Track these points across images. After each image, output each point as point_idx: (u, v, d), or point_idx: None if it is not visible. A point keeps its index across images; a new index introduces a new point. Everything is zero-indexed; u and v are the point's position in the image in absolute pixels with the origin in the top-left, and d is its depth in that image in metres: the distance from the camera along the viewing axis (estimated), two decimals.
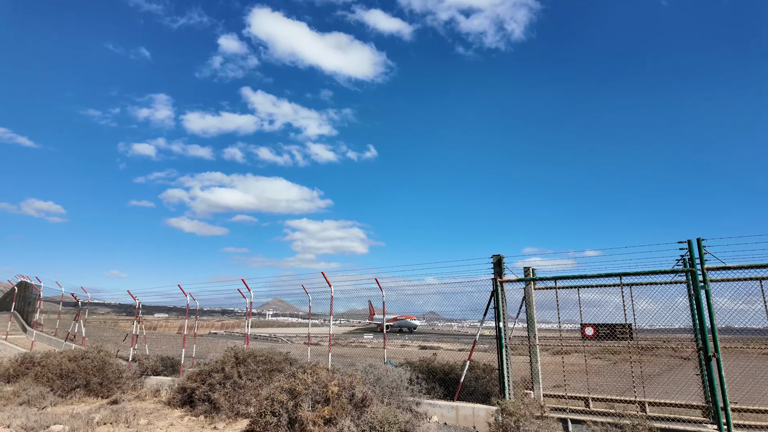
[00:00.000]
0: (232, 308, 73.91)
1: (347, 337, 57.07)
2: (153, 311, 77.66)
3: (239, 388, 10.44)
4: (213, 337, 45.38)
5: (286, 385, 7.53)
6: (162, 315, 76.86)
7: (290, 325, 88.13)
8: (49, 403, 11.51)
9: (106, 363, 13.19)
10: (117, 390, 12.96)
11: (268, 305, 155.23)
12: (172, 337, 40.14)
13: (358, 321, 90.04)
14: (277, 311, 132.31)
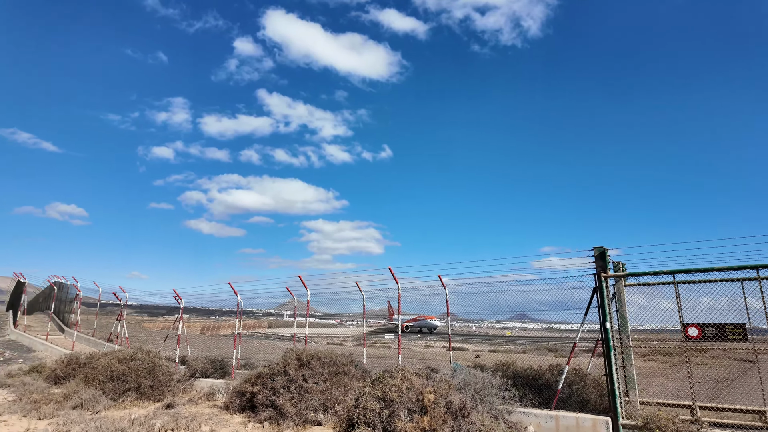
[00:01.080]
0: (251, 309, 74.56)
1: (368, 337, 56.39)
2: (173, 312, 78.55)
3: (305, 393, 9.71)
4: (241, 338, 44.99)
5: (377, 392, 6.73)
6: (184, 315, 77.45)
7: (309, 325, 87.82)
8: (103, 406, 10.96)
9: (156, 365, 12.63)
10: (168, 393, 12.38)
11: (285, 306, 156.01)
12: (196, 337, 39.86)
13: (378, 322, 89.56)
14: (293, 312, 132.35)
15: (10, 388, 13.25)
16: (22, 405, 10.99)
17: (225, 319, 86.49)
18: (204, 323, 72.56)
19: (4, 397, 12.38)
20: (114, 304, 24.72)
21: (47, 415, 10.25)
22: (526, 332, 66.53)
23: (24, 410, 10.55)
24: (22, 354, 19.08)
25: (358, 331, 74.22)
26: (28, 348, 20.42)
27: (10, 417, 10.23)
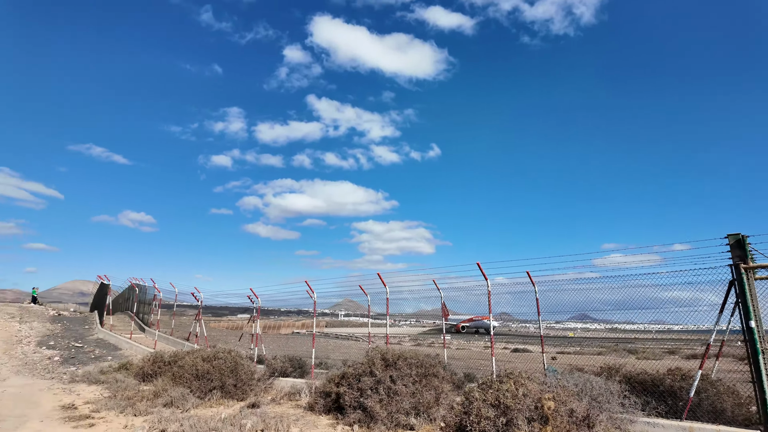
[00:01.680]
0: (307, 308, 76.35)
1: (425, 337, 55.63)
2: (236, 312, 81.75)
3: (394, 395, 9.23)
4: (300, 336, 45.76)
5: (490, 398, 6.08)
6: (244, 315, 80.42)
7: (363, 325, 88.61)
8: (191, 405, 11.06)
9: (238, 364, 12.66)
10: (251, 392, 12.37)
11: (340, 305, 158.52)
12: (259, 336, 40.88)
13: (433, 322, 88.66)
14: (348, 311, 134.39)
15: (104, 385, 13.82)
16: (117, 401, 11.32)
17: (283, 318, 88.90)
18: (264, 322, 74.87)
19: (100, 393, 12.90)
20: (186, 305, 25.71)
21: (141, 412, 10.45)
22: (589, 333, 63.22)
23: (119, 407, 10.85)
24: (110, 352, 20.09)
25: (412, 330, 73.65)
26: (114, 346, 21.51)
27: (107, 413, 10.54)
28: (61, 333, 23.62)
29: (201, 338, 19.60)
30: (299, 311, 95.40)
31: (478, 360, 19.20)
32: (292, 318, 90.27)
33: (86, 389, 13.44)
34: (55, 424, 9.64)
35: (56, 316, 30.21)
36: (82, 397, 12.33)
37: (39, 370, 16.29)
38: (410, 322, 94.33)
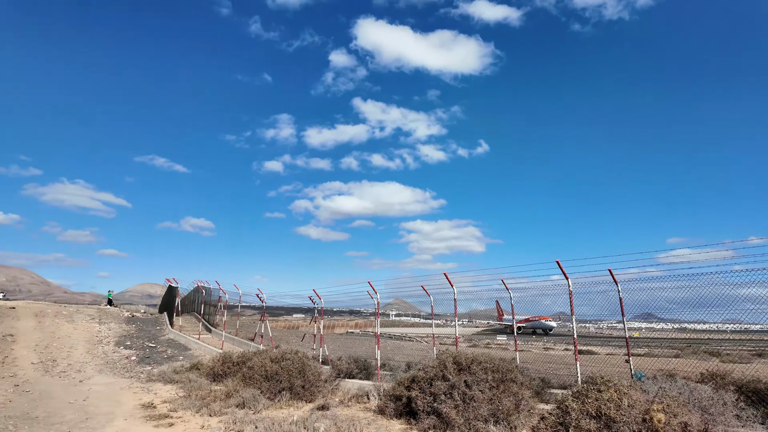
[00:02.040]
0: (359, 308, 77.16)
1: (480, 338, 54.19)
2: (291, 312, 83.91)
3: (470, 401, 8.78)
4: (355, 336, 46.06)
5: (590, 408, 5.52)
6: (299, 315, 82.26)
7: (414, 325, 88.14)
8: (262, 406, 11.15)
9: (305, 365, 12.68)
10: (318, 394, 12.34)
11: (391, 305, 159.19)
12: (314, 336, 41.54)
13: (487, 322, 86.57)
14: (399, 311, 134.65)
15: (179, 384, 14.34)
16: (192, 401, 11.64)
17: (336, 318, 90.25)
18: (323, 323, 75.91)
19: (175, 392, 13.37)
20: (245, 306, 26.45)
21: (216, 413, 10.65)
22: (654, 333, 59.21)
23: (195, 407, 11.13)
24: (181, 352, 20.96)
25: (465, 331, 72.22)
26: (184, 346, 22.42)
27: (184, 413, 10.83)
28: (135, 333, 25.00)
29: (266, 339, 19.98)
30: (351, 311, 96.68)
31: (546, 363, 18.28)
32: (345, 318, 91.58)
33: (162, 388, 13.98)
34: (137, 422, 10.00)
35: (130, 318, 32.07)
36: (159, 396, 12.81)
37: (119, 369, 17.20)
38: (462, 322, 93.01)
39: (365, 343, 29.78)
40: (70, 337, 21.91)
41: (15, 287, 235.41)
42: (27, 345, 19.41)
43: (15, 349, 18.48)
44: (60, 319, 26.34)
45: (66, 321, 25.93)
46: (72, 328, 24.29)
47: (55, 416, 10.19)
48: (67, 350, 19.44)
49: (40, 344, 19.82)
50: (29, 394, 12.28)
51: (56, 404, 11.37)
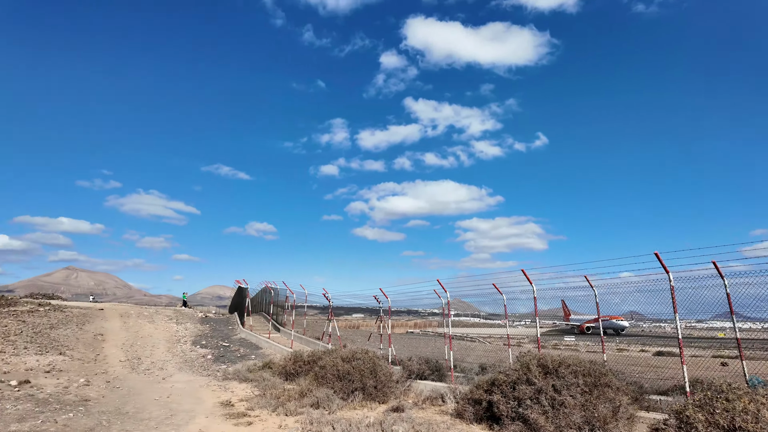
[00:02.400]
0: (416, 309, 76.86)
1: (546, 339, 51.69)
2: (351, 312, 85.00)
3: (560, 406, 8.08)
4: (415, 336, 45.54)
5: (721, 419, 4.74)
6: (359, 315, 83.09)
7: (474, 326, 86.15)
8: (336, 406, 11.03)
9: (376, 365, 12.45)
10: (390, 395, 12.05)
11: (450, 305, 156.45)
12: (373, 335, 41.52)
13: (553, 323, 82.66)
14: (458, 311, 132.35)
15: (253, 383, 14.64)
16: (268, 400, 11.76)
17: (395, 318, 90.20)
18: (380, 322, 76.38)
19: (250, 391, 13.65)
20: (308, 306, 26.82)
21: (292, 412, 10.65)
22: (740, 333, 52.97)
23: (271, 406, 11.22)
24: (253, 351, 21.58)
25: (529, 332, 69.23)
26: (255, 345, 23.08)
27: (261, 412, 10.94)
28: (209, 333, 26.14)
29: (333, 338, 20.06)
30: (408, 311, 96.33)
31: (629, 366, 16.86)
32: (403, 318, 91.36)
33: (238, 387, 14.32)
34: (218, 420, 10.20)
35: (203, 318, 33.69)
36: (236, 395, 13.11)
37: (196, 367, 17.94)
38: (525, 322, 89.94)
39: (429, 343, 29.29)
40: (151, 337, 23.25)
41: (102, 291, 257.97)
42: (115, 344, 20.79)
43: (105, 347, 19.84)
44: (142, 319, 28.11)
45: (147, 321, 27.62)
46: (153, 328, 25.80)
47: (143, 412, 10.64)
48: (150, 349, 20.60)
49: (126, 343, 21.16)
50: (119, 390, 12.99)
51: (143, 400, 11.91)
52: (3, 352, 16.48)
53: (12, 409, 9.64)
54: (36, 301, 33.50)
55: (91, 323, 24.77)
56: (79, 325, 23.57)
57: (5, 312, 25.67)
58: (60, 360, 16.54)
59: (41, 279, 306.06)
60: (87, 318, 26.23)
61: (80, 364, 16.61)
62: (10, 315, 24.55)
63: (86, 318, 26.19)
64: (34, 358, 16.22)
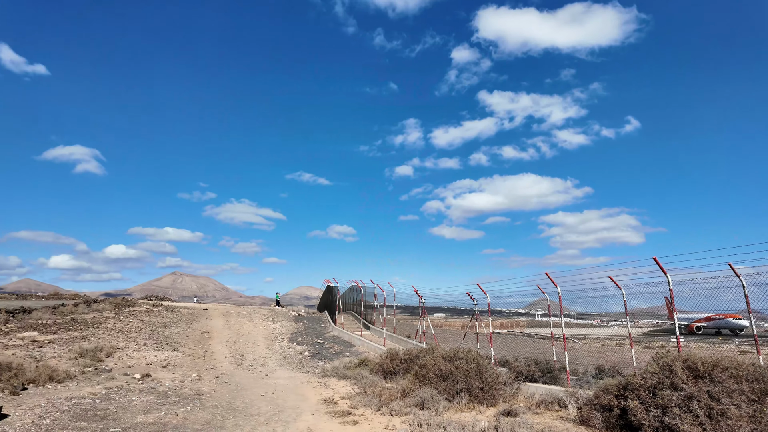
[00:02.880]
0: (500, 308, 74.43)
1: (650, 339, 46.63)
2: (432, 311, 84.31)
3: (720, 417, 6.75)
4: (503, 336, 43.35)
5: None
6: (440, 315, 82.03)
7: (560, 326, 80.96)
8: (442, 407, 10.42)
9: (481, 365, 11.65)
10: (499, 397, 11.19)
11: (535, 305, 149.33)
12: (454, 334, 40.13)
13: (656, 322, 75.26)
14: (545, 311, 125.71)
15: (352, 380, 14.54)
16: (369, 399, 11.47)
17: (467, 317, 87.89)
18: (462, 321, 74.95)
19: (350, 388, 13.52)
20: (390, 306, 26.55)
21: (397, 412, 10.23)
22: None
23: (374, 405, 10.91)
24: (346, 348, 21.73)
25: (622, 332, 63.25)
26: (348, 343, 23.25)
27: (365, 411, 10.66)
28: (304, 331, 26.91)
29: (428, 336, 19.52)
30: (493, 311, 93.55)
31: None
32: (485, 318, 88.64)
33: (337, 384, 14.28)
34: (324, 418, 10.06)
35: (297, 316, 34.93)
36: (337, 392, 13.03)
37: (295, 364, 18.34)
38: (621, 322, 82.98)
39: (527, 344, 27.68)
40: (251, 334, 24.37)
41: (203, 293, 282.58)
42: (220, 341, 22.02)
43: (211, 344, 21.06)
44: (242, 318, 29.71)
45: (246, 320, 29.12)
46: (252, 326, 27.10)
47: (252, 407, 10.83)
48: (251, 346, 21.53)
49: (230, 340, 22.33)
50: (228, 386, 13.49)
51: (250, 396, 12.21)
52: (127, 347, 18.05)
53: (137, 401, 10.25)
54: (150, 303, 36.95)
55: (197, 322, 26.61)
56: (187, 324, 25.41)
57: (126, 312, 28.48)
58: (174, 356, 17.74)
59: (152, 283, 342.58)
60: (194, 317, 28.27)
61: (191, 359, 17.69)
62: (130, 315, 27.15)
63: (193, 317, 28.23)
64: (153, 354, 17.55)
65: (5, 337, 17.66)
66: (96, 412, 8.96)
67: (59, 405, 9.18)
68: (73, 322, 22.50)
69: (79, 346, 16.48)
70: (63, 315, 24.68)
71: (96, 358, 15.34)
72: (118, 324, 23.08)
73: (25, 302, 33.15)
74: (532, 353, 19.38)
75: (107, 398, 10.30)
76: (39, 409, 8.77)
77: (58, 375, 11.90)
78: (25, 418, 8.13)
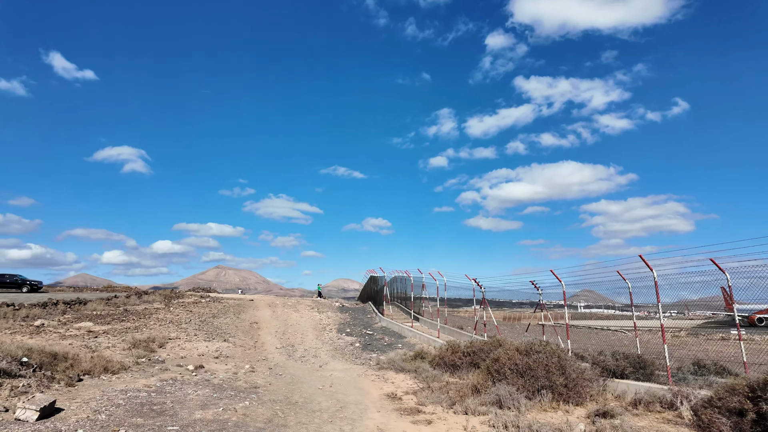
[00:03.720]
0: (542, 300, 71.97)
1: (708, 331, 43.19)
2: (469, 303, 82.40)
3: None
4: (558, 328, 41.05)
5: None
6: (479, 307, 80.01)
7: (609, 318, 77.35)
8: (523, 406, 9.26)
9: (562, 359, 10.39)
10: (586, 396, 9.90)
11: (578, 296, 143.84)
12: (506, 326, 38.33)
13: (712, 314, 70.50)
14: (588, 302, 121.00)
15: (410, 373, 13.57)
16: (437, 395, 10.44)
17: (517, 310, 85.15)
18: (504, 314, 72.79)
19: (411, 382, 12.56)
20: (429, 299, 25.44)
21: (472, 411, 9.16)
22: None
23: (443, 401, 9.88)
24: (397, 339, 20.82)
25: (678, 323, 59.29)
26: (398, 334, 22.34)
27: (435, 408, 9.66)
28: (351, 321, 26.23)
29: (490, 328, 18.31)
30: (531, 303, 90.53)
31: None
32: (526, 309, 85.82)
33: (396, 377, 13.35)
34: (392, 416, 9.12)
35: (341, 307, 34.40)
36: (398, 386, 12.10)
37: (347, 355, 17.57)
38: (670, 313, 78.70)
39: (590, 336, 25.91)
40: (299, 325, 23.87)
41: (245, 286, 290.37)
42: (269, 331, 21.60)
43: (261, 335, 20.64)
44: (287, 309, 29.37)
45: (292, 311, 28.75)
46: (298, 316, 26.66)
47: (312, 402, 10.03)
48: (300, 336, 20.98)
49: (279, 331, 21.88)
50: (282, 378, 12.81)
51: (308, 389, 11.45)
52: (178, 338, 17.81)
53: (193, 395, 9.64)
54: (198, 294, 37.37)
55: (245, 313, 26.42)
56: (235, 314, 25.22)
57: (176, 303, 28.70)
58: (225, 346, 17.34)
59: (198, 277, 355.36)
60: (241, 308, 28.14)
61: (242, 350, 17.24)
62: (180, 306, 27.28)
63: (241, 308, 28.11)
64: (204, 345, 17.20)
65: (63, 327, 17.79)
66: (152, 406, 8.36)
67: (114, 398, 8.65)
68: (125, 313, 22.67)
69: (132, 336, 16.31)
70: (116, 306, 25.01)
71: (149, 349, 15.07)
72: (169, 315, 23.09)
73: (81, 294, 34.20)
74: (600, 346, 17.81)
75: (162, 391, 9.75)
76: (94, 402, 8.25)
77: (113, 366, 11.53)
78: (80, 413, 7.59)
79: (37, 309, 21.48)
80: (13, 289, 34.45)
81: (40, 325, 17.47)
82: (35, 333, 16.15)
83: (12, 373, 8.74)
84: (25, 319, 18.76)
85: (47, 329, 17.09)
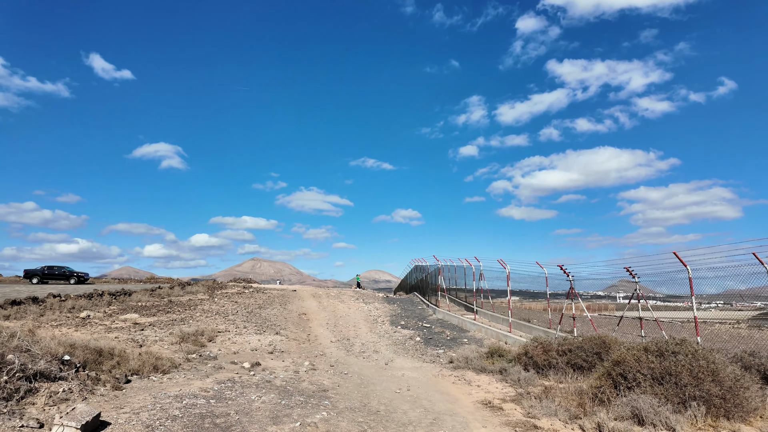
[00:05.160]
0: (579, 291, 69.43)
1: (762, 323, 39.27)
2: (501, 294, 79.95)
3: None
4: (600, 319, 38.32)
5: None
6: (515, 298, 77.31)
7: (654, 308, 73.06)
8: (674, 422, 7.22)
9: (710, 362, 8.25)
10: (749, 409, 7.76)
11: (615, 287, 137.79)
12: None
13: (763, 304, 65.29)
14: (627, 293, 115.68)
15: (494, 375, 11.68)
16: (547, 404, 8.54)
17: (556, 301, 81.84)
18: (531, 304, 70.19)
19: (500, 385, 10.68)
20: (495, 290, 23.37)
21: (604, 427, 7.20)
22: None
23: (559, 413, 7.99)
24: (460, 333, 18.98)
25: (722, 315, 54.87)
26: (459, 328, 20.47)
27: (551, 421, 7.75)
28: (402, 313, 24.52)
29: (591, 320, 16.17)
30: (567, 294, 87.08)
31: None
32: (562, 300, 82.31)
33: (478, 379, 11.51)
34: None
35: (385, 298, 32.79)
36: (487, 391, 10.25)
37: (410, 351, 15.84)
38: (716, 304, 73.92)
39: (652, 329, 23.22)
40: (348, 316, 22.34)
41: (280, 277, 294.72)
42: (319, 323, 20.13)
43: (312, 327, 19.19)
44: (332, 299, 27.95)
45: (338, 301, 27.29)
46: (346, 307, 25.16)
47: (396, 412, 8.31)
48: (353, 329, 19.41)
49: (329, 322, 20.39)
50: (350, 378, 11.18)
51: (383, 393, 9.76)
52: (227, 331, 16.53)
53: (258, 402, 8.07)
54: (240, 285, 36.57)
55: (291, 303, 25.12)
56: (282, 305, 23.93)
57: (220, 294, 27.75)
58: (278, 340, 15.93)
59: (234, 269, 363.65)
60: (286, 299, 26.90)
61: (296, 344, 15.78)
62: (224, 297, 26.27)
63: (286, 299, 26.87)
64: (255, 338, 15.84)
65: (108, 319, 16.81)
66: (215, 419, 6.80)
67: (169, 407, 7.15)
68: (170, 304, 21.72)
69: (180, 329, 15.09)
70: (160, 297, 24.18)
71: (198, 343, 13.77)
72: (214, 306, 22.00)
73: (125, 286, 33.91)
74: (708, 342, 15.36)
75: (222, 397, 8.22)
76: (146, 413, 6.76)
77: (163, 364, 10.16)
78: (128, 428, 6.08)
79: (83, 300, 20.76)
80: (61, 281, 34.81)
81: (85, 317, 16.53)
82: (80, 325, 15.15)
83: (51, 376, 7.38)
84: (71, 310, 17.94)
85: (93, 321, 16.11)
